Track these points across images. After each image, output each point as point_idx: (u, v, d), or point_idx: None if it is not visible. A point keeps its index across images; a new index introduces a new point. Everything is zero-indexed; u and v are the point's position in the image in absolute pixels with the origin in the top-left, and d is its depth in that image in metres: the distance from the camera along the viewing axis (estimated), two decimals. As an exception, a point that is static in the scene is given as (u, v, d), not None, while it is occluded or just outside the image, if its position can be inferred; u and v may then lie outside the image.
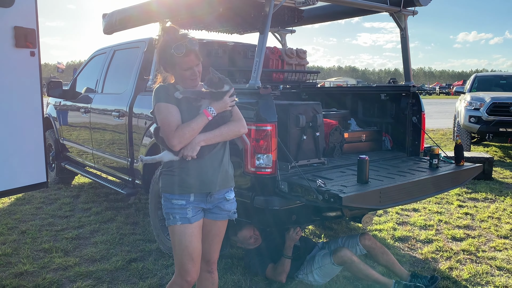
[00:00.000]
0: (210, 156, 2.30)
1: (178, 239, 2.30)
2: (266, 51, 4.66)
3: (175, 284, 2.35)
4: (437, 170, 3.46)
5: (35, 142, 2.92)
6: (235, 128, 2.34)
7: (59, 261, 3.83)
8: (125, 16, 4.37)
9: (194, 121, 2.22)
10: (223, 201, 2.39)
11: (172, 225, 2.31)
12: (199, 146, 2.22)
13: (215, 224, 2.44)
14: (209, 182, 2.32)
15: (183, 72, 2.27)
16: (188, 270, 2.31)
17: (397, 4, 3.85)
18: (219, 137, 2.28)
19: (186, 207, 2.30)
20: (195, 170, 2.29)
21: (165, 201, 2.34)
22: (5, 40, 2.71)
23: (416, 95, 4.08)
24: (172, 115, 2.22)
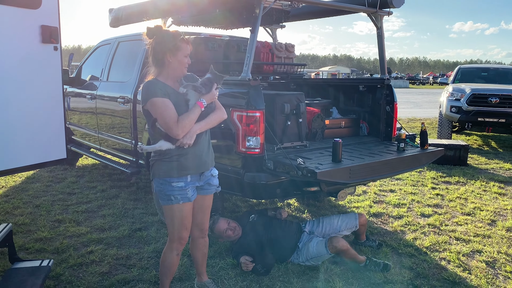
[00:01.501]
0: (202, 141, 2.76)
1: (179, 215, 2.74)
2: (257, 45, 5.15)
3: (170, 249, 2.83)
4: (403, 152, 4.00)
5: (58, 124, 3.42)
6: (220, 116, 2.78)
7: (73, 230, 4.36)
8: (131, 12, 4.84)
9: (191, 112, 2.61)
10: (211, 178, 2.89)
11: (175, 204, 2.71)
12: (195, 134, 2.68)
13: (205, 198, 2.94)
14: (203, 163, 2.81)
15: (183, 58, 2.65)
16: (183, 237, 2.81)
17: (374, 5, 4.34)
18: (209, 124, 2.73)
19: (185, 188, 2.73)
20: (192, 154, 2.72)
21: (164, 184, 2.70)
22: (33, 37, 3.19)
23: (390, 87, 4.61)
24: (170, 108, 2.58)
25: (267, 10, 3.68)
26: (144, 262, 3.68)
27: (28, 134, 3.20)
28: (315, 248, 3.57)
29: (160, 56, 2.65)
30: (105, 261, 3.68)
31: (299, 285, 3.33)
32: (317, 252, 3.54)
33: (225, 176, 3.69)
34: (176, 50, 2.63)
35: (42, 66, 3.28)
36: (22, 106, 3.15)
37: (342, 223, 3.92)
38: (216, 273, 3.51)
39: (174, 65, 2.67)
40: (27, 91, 3.17)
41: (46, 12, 3.23)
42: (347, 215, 4.00)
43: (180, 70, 2.70)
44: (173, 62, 2.65)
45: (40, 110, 3.29)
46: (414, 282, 3.41)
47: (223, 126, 3.64)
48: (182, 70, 2.71)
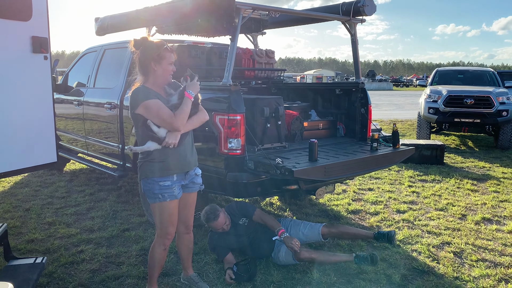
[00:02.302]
0: (186, 142, 2.98)
1: (166, 212, 2.95)
2: (239, 51, 5.39)
3: (158, 244, 3.04)
4: (376, 151, 4.26)
5: (48, 129, 3.60)
6: (202, 117, 3.00)
7: (63, 231, 4.52)
8: (116, 22, 5.04)
9: (184, 104, 2.82)
10: (195, 177, 3.10)
11: (162, 202, 2.91)
12: (179, 134, 2.91)
13: (190, 195, 3.16)
14: (188, 163, 3.03)
15: (167, 66, 2.86)
16: (170, 232, 3.02)
17: (347, 14, 4.60)
18: (192, 125, 2.95)
19: (172, 187, 2.94)
20: (177, 155, 2.94)
21: (152, 184, 2.90)
22: (25, 47, 3.37)
23: (364, 90, 4.88)
24: (164, 107, 2.81)
25: (246, 20, 3.92)
26: (133, 260, 3.86)
27: (21, 139, 3.38)
28: (284, 258, 3.74)
29: (146, 64, 2.85)
30: (95, 260, 3.86)
31: (279, 276, 3.55)
32: (286, 261, 3.73)
33: (209, 177, 3.91)
34: (160, 58, 2.84)
35: (33, 74, 3.47)
36: (15, 112, 3.33)
37: (304, 236, 4.00)
38: (201, 267, 3.72)
39: (159, 73, 2.87)
40: (19, 98, 3.35)
41: (36, 24, 3.42)
42: (312, 228, 4.04)
43: (165, 77, 2.91)
44: (158, 70, 2.86)
45: (31, 116, 3.47)
46: (386, 271, 3.66)
47: (207, 129, 3.86)
48: (166, 77, 2.92)
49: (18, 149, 3.38)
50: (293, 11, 4.59)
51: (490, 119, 9.51)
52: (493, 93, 9.68)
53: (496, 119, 9.50)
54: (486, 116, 9.52)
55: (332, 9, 4.69)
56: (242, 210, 3.97)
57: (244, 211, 3.96)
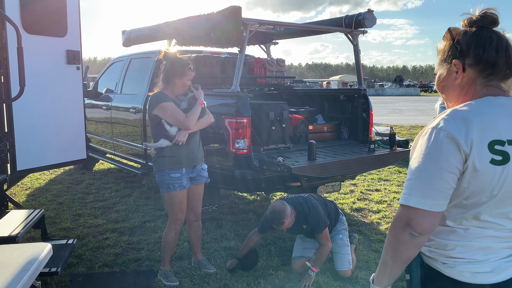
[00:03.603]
0: (193, 141, 3.47)
1: (176, 200, 3.45)
2: (251, 60, 5.87)
3: (170, 229, 3.54)
4: (373, 152, 4.64)
5: (80, 130, 4.16)
6: (208, 119, 3.51)
7: (91, 222, 5.08)
8: (141, 34, 5.60)
9: (195, 108, 3.37)
10: (201, 171, 3.58)
11: (173, 191, 3.42)
12: (187, 133, 3.40)
13: (198, 187, 3.63)
14: (195, 158, 3.51)
15: (186, 81, 3.41)
16: (180, 218, 3.52)
17: (349, 26, 5.00)
18: (199, 126, 3.46)
19: (181, 178, 3.44)
20: (185, 151, 3.43)
21: (164, 175, 3.40)
22: (61, 60, 3.94)
23: (366, 96, 5.26)
24: (178, 109, 3.35)
25: (253, 33, 4.39)
26: (151, 246, 4.36)
27: (57, 138, 3.94)
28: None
29: (170, 77, 3.40)
30: (119, 245, 4.38)
31: (279, 262, 3.98)
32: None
33: (219, 173, 4.39)
34: (183, 75, 3.37)
35: (67, 83, 4.03)
36: (52, 115, 3.90)
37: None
38: (211, 254, 4.18)
39: (178, 85, 3.42)
40: (55, 103, 3.92)
41: (70, 39, 3.99)
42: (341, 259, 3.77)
43: (182, 90, 3.44)
44: (178, 83, 3.41)
45: (65, 118, 4.03)
46: (377, 261, 4.03)
47: (220, 132, 4.33)
48: (183, 90, 3.44)
49: (55, 147, 3.95)
50: (296, 24, 5.04)
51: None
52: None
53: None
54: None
55: (335, 21, 5.11)
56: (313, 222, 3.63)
57: (314, 224, 3.62)
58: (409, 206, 1.28)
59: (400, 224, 1.30)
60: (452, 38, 1.40)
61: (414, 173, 1.30)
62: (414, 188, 1.28)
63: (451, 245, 1.34)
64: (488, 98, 1.35)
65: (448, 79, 1.41)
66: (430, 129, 1.32)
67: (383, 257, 1.39)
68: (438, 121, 1.31)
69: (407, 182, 1.31)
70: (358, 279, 3.67)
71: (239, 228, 4.88)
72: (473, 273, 1.30)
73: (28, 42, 3.41)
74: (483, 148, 1.24)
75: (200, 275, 3.71)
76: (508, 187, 1.26)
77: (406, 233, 1.28)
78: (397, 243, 1.32)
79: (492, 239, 1.31)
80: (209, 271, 3.73)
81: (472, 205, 1.29)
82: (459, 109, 1.32)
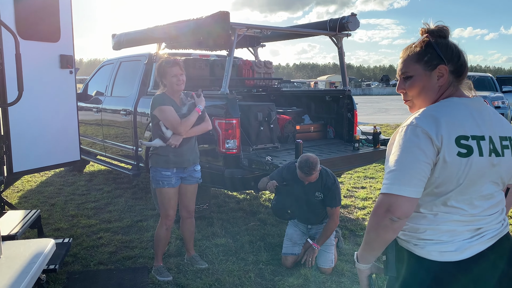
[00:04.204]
0: (188, 144, 3.61)
1: (166, 197, 3.61)
2: (240, 62, 6.03)
3: (161, 225, 3.69)
4: (357, 151, 4.83)
5: (73, 132, 4.27)
6: (204, 127, 3.66)
7: (84, 222, 5.19)
8: (131, 38, 5.71)
9: (191, 115, 3.50)
10: (193, 172, 3.73)
11: (161, 187, 3.59)
12: (181, 138, 3.54)
13: (189, 186, 3.77)
14: (186, 160, 3.65)
15: (171, 78, 3.51)
16: (170, 214, 3.67)
17: (334, 29, 5.20)
18: (193, 133, 3.60)
19: (171, 177, 3.60)
20: (177, 153, 3.57)
21: (156, 172, 3.58)
22: (54, 64, 4.06)
23: (350, 97, 5.45)
24: (174, 113, 3.47)
25: (241, 37, 4.55)
26: (144, 244, 4.49)
27: (52, 141, 4.05)
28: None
29: (158, 80, 3.59)
30: (112, 244, 4.50)
31: (268, 257, 4.13)
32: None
33: (210, 173, 4.53)
34: (164, 73, 3.50)
35: (61, 86, 4.15)
36: (47, 118, 4.01)
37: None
38: (203, 251, 4.32)
39: (167, 85, 3.55)
40: (50, 106, 4.03)
41: (63, 44, 4.10)
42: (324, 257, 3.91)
43: (172, 87, 3.55)
44: (166, 82, 3.55)
45: (59, 120, 4.15)
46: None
47: (210, 133, 4.48)
48: (174, 87, 3.55)
49: (49, 149, 4.06)
50: (283, 28, 5.22)
51: (486, 123, 9.93)
52: (488, 97, 10.13)
53: (492, 122, 9.92)
54: (481, 120, 9.95)
55: (320, 25, 5.30)
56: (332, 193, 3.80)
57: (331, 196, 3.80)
58: (390, 194, 1.41)
59: (381, 210, 1.43)
60: (433, 45, 1.56)
61: (394, 165, 1.44)
62: (394, 178, 1.42)
63: (422, 229, 1.51)
64: (453, 99, 1.54)
65: (430, 82, 1.56)
66: (405, 126, 1.48)
67: (366, 239, 1.53)
68: (411, 119, 1.49)
69: (388, 174, 1.45)
70: (344, 271, 3.85)
71: (229, 226, 5.03)
72: (440, 252, 1.47)
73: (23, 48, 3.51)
74: (451, 142, 1.43)
75: (192, 271, 3.85)
76: (471, 176, 1.45)
77: (387, 218, 1.42)
78: (378, 227, 1.45)
79: (456, 223, 1.49)
80: (201, 267, 3.87)
81: (441, 192, 1.47)
82: (430, 110, 1.51)
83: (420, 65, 1.57)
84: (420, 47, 1.58)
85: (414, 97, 1.62)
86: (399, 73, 1.65)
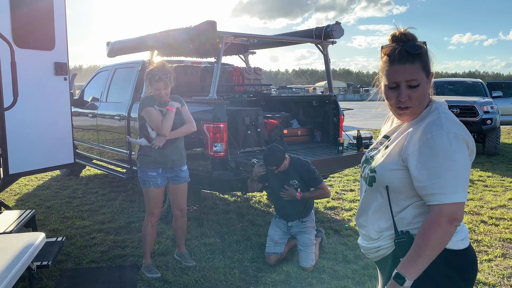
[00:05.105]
0: (173, 145, 3.80)
1: (151, 196, 3.81)
2: (230, 69, 6.24)
3: (146, 222, 3.90)
4: (341, 154, 5.02)
5: (67, 135, 4.47)
6: (188, 128, 3.85)
7: (79, 223, 5.36)
8: (124, 46, 5.92)
9: (167, 115, 3.67)
10: (180, 172, 3.91)
11: (148, 187, 3.79)
12: (165, 139, 3.73)
13: (177, 186, 3.95)
14: (171, 160, 3.84)
15: (155, 91, 3.73)
16: (155, 212, 3.87)
17: (319, 37, 5.41)
18: (176, 134, 3.78)
19: (156, 177, 3.79)
20: (161, 153, 3.76)
21: (143, 172, 3.79)
22: (49, 71, 4.26)
23: (336, 102, 5.65)
24: (158, 115, 3.68)
25: (229, 45, 4.76)
26: (135, 244, 4.67)
27: (47, 144, 4.25)
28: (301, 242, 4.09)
29: (147, 84, 3.80)
30: (105, 244, 4.68)
31: (253, 255, 4.31)
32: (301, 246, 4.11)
33: (199, 175, 4.72)
34: (150, 83, 3.74)
35: (55, 92, 4.35)
36: (42, 122, 4.20)
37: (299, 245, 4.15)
38: (191, 250, 4.50)
39: (153, 92, 3.75)
40: (45, 111, 4.23)
41: (58, 52, 4.31)
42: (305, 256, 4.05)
43: (156, 94, 3.73)
44: (151, 90, 3.75)
45: (54, 125, 4.34)
46: (344, 252, 4.39)
47: (201, 136, 4.67)
48: (157, 94, 3.73)
49: (44, 152, 4.25)
50: (269, 36, 5.43)
51: (475, 127, 10.14)
52: (477, 102, 10.32)
53: (481, 127, 10.13)
54: (471, 124, 10.14)
55: (306, 33, 5.51)
56: (309, 175, 4.00)
57: (311, 177, 3.99)
58: (454, 203, 1.45)
59: (444, 220, 1.45)
60: (427, 53, 1.64)
61: (446, 174, 1.46)
62: (454, 186, 1.45)
63: None
64: (439, 103, 1.66)
65: (427, 88, 1.64)
66: (440, 134, 1.49)
67: (427, 255, 1.48)
68: (441, 125, 1.51)
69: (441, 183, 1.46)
70: (325, 268, 4.03)
71: (218, 227, 5.21)
72: (461, 240, 1.60)
73: (19, 56, 3.72)
74: (472, 143, 1.55)
75: (180, 268, 4.03)
76: None
77: (453, 226, 1.47)
78: (444, 237, 1.47)
79: None
80: (188, 265, 4.05)
81: None
82: (449, 115, 1.58)
83: (424, 72, 1.59)
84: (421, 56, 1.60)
85: (415, 104, 1.61)
86: (403, 81, 1.58)
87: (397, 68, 1.58)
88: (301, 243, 4.10)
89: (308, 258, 4.03)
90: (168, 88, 3.75)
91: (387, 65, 1.62)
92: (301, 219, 4.15)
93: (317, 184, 4.03)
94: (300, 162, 4.09)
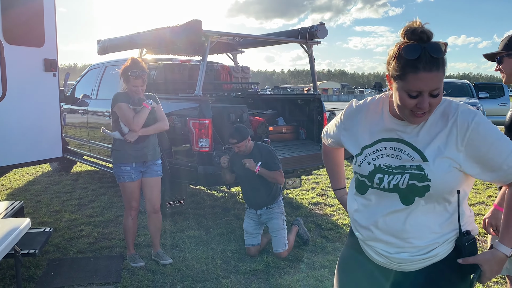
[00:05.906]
0: (146, 140, 3.89)
1: (128, 190, 3.92)
2: (218, 67, 6.38)
3: (126, 215, 4.02)
4: (323, 150, 5.17)
5: (56, 130, 4.59)
6: (159, 126, 3.96)
7: (68, 216, 5.49)
8: (114, 44, 6.05)
9: (141, 112, 3.77)
10: (153, 165, 3.99)
11: (123, 182, 3.90)
12: (137, 135, 3.84)
13: (150, 180, 4.02)
14: (144, 154, 3.91)
15: (131, 87, 3.82)
16: (133, 205, 3.98)
17: (304, 37, 5.56)
18: (147, 131, 3.86)
19: (130, 171, 3.89)
20: (133, 148, 3.84)
21: (117, 167, 3.88)
22: (39, 68, 4.38)
23: (320, 100, 5.81)
24: (129, 111, 3.77)
25: (214, 43, 4.90)
26: (122, 236, 4.78)
27: (36, 138, 4.37)
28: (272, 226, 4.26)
29: (122, 80, 3.90)
30: (92, 235, 4.81)
31: (236, 246, 4.46)
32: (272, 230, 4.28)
33: (185, 170, 4.86)
34: (127, 80, 3.81)
35: (44, 88, 4.47)
36: (32, 117, 4.33)
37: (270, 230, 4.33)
38: (176, 242, 4.64)
39: (129, 88, 3.84)
40: (34, 107, 4.35)
41: (47, 49, 4.43)
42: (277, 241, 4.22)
43: (132, 91, 3.82)
44: (127, 86, 3.85)
45: (43, 120, 4.47)
46: (323, 244, 4.55)
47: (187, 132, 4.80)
48: (133, 91, 3.81)
49: (33, 146, 4.38)
50: (254, 36, 5.58)
51: (461, 127, 10.32)
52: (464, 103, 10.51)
53: (466, 127, 10.31)
54: (456, 124, 10.33)
55: (292, 33, 5.67)
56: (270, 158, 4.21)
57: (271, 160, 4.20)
58: None
59: None
60: None
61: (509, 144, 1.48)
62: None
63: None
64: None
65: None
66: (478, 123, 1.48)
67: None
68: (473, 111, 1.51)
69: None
70: (304, 259, 4.18)
71: (204, 220, 5.36)
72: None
73: (9, 52, 3.84)
74: None
75: (164, 259, 4.17)
76: None
77: None
78: None
79: None
80: (165, 263, 4.02)
81: None
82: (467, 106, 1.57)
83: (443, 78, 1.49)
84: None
85: (433, 110, 1.51)
86: (427, 90, 1.42)
87: (423, 76, 1.39)
88: (271, 229, 4.25)
89: (280, 243, 4.17)
90: (144, 85, 3.84)
91: (410, 71, 1.41)
92: (268, 206, 4.28)
93: (276, 169, 4.17)
94: (265, 146, 4.33)
